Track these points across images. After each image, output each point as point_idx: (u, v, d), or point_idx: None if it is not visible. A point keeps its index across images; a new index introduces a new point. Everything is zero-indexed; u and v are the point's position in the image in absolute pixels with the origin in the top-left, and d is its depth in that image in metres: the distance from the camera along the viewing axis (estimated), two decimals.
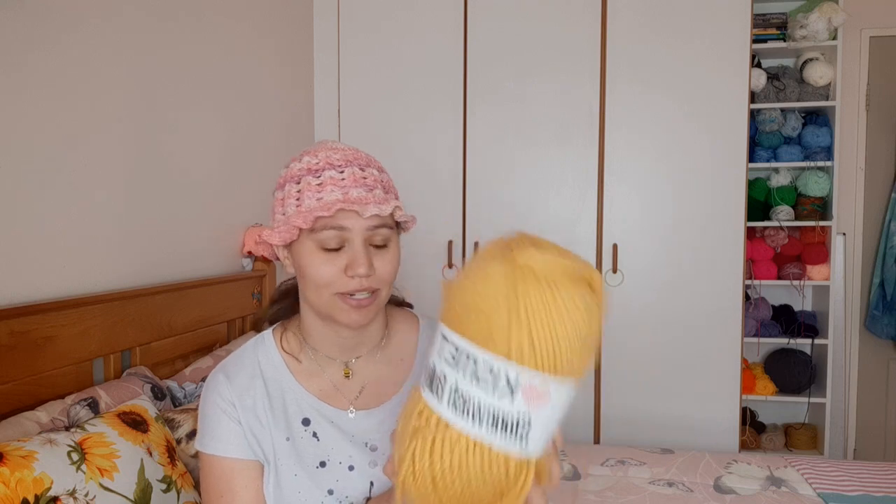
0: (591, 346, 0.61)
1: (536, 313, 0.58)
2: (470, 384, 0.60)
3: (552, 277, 0.60)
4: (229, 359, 0.98)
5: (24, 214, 1.35)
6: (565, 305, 0.59)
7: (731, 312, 2.55)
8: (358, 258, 0.85)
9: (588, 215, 2.60)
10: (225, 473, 0.91)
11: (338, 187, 0.86)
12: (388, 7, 2.71)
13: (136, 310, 1.60)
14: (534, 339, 0.58)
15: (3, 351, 1.21)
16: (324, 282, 0.86)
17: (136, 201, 1.70)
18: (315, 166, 0.88)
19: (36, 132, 1.38)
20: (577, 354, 0.60)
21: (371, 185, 0.88)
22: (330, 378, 0.96)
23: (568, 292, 0.59)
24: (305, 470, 0.91)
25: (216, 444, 0.92)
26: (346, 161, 0.89)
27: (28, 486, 0.99)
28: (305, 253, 0.87)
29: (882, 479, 1.89)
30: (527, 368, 0.58)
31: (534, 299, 0.59)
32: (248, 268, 2.26)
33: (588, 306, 0.60)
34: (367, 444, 0.94)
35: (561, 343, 0.58)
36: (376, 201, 0.86)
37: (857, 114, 3.15)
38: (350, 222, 0.86)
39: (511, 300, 0.59)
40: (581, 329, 0.59)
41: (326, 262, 0.86)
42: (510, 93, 2.63)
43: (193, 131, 1.95)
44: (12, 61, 1.31)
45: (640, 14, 2.54)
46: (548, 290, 0.59)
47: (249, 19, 2.27)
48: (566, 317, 0.59)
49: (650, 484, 1.88)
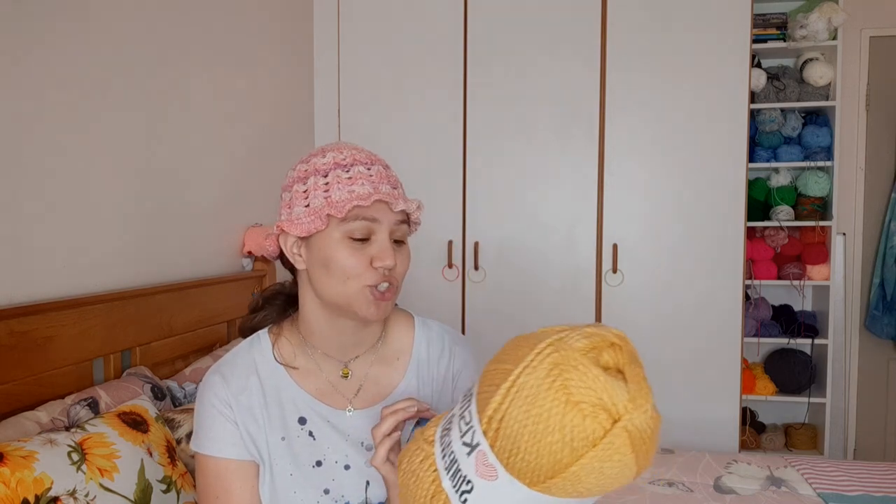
0: (576, 478, 0.57)
1: (521, 410, 0.58)
2: (457, 422, 0.66)
3: (575, 398, 0.57)
4: (224, 359, 0.98)
5: (24, 214, 1.35)
6: (550, 414, 0.57)
7: (731, 312, 2.55)
8: (385, 250, 0.88)
9: (588, 215, 2.60)
10: (220, 474, 0.91)
11: (368, 182, 0.89)
12: (387, 6, 2.71)
13: (136, 310, 1.60)
14: (503, 421, 0.60)
15: (3, 351, 1.21)
16: (354, 272, 0.88)
17: (137, 201, 1.70)
18: (343, 161, 0.91)
19: (36, 132, 1.38)
20: (543, 472, 0.58)
21: (394, 183, 0.93)
22: (327, 377, 0.96)
23: (570, 422, 0.56)
24: (301, 469, 0.92)
25: (212, 445, 0.92)
26: (370, 160, 0.93)
27: (28, 487, 0.99)
28: (332, 243, 0.88)
29: (882, 479, 1.89)
30: (486, 441, 0.61)
31: (531, 384, 0.59)
32: (248, 268, 2.26)
33: (584, 442, 0.57)
34: (362, 443, 0.94)
35: (522, 446, 0.58)
36: (402, 198, 0.92)
37: (857, 114, 3.15)
38: (381, 214, 0.89)
39: (512, 387, 0.60)
40: (559, 457, 0.57)
41: (354, 252, 0.88)
42: (510, 93, 2.63)
43: (193, 131, 1.95)
44: (12, 59, 1.31)
45: (641, 14, 2.54)
46: (554, 403, 0.57)
47: (249, 19, 2.27)
48: (542, 426, 0.57)
49: (650, 484, 1.88)
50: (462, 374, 1.03)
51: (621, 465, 0.58)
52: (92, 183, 1.54)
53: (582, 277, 2.61)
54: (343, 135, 2.76)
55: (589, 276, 2.61)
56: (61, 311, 1.36)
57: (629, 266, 2.59)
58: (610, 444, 0.57)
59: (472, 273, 2.68)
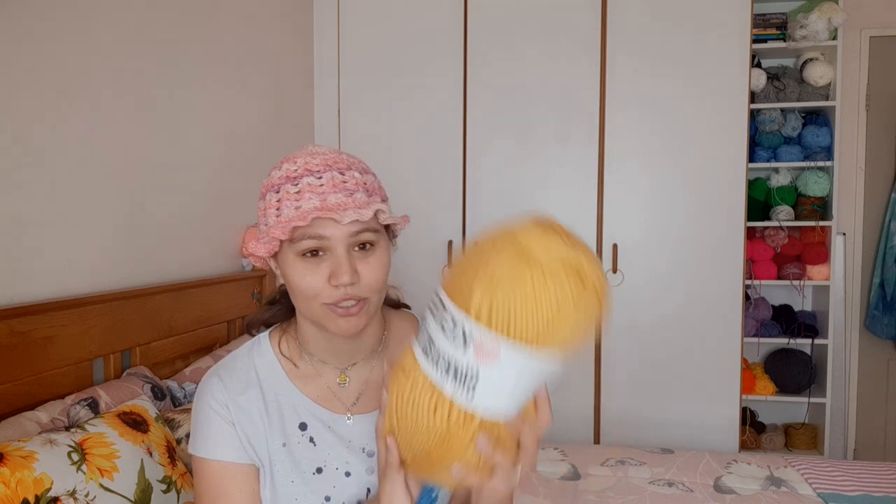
0: (560, 331, 0.64)
1: (502, 281, 0.63)
2: (438, 332, 0.67)
3: (539, 259, 0.64)
4: (223, 362, 0.96)
5: (24, 214, 1.35)
6: (534, 284, 0.63)
7: (731, 312, 2.55)
8: (340, 266, 0.82)
9: (588, 215, 2.60)
10: (218, 477, 0.89)
11: (315, 194, 0.83)
12: (387, 5, 2.71)
13: (136, 310, 1.60)
14: (492, 302, 0.63)
15: (3, 351, 1.21)
16: (310, 293, 0.84)
17: (137, 201, 1.70)
18: (293, 174, 0.85)
19: (35, 132, 1.38)
20: (539, 331, 0.63)
21: (352, 188, 0.85)
22: (327, 383, 0.95)
23: (546, 277, 0.63)
24: (302, 476, 0.90)
25: (209, 448, 0.89)
26: (325, 166, 0.85)
27: (28, 487, 0.99)
28: (288, 264, 0.85)
29: (882, 479, 1.89)
30: (481, 326, 0.64)
31: (505, 269, 0.64)
32: (248, 268, 2.26)
33: (565, 297, 0.63)
34: (363, 449, 0.93)
35: (518, 314, 0.63)
36: (356, 206, 0.83)
37: (857, 114, 3.15)
38: (329, 230, 0.82)
39: (484, 265, 0.65)
40: (546, 311, 0.63)
41: (309, 272, 0.83)
42: (510, 92, 2.63)
43: (194, 131, 1.95)
44: (10, 61, 1.31)
45: (641, 14, 2.54)
46: (524, 266, 0.63)
47: (249, 18, 2.27)
48: (531, 294, 0.63)
49: (650, 484, 1.88)
50: None
51: (592, 315, 0.65)
52: (92, 183, 1.54)
53: None
54: (343, 135, 2.76)
55: None
56: (61, 311, 1.36)
57: (629, 266, 2.59)
58: (584, 299, 0.64)
59: None
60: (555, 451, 2.12)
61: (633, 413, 2.62)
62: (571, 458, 2.05)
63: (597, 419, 2.64)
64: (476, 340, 0.64)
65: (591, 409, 2.64)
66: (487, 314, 0.63)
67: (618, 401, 2.62)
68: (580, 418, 2.64)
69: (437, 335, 0.67)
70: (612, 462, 2.03)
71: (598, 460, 2.04)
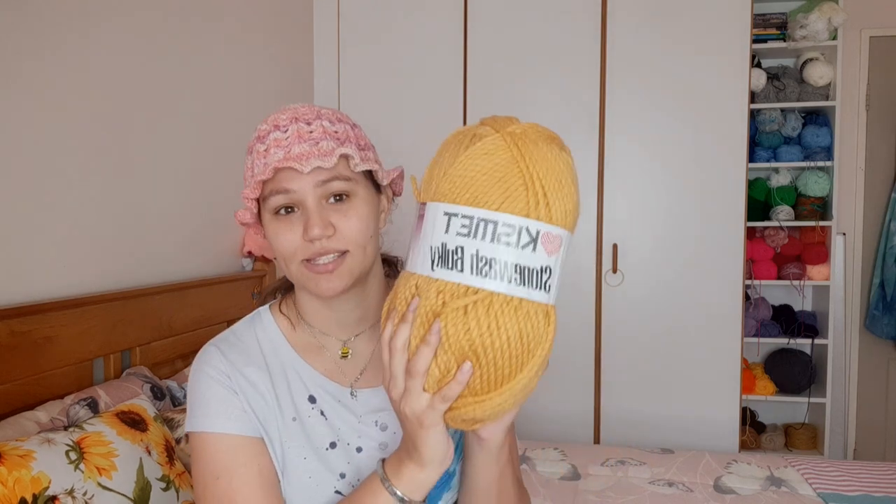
0: (577, 198, 0.69)
1: (546, 172, 0.65)
2: (493, 245, 0.63)
3: (539, 140, 0.67)
4: (221, 335, 0.89)
5: (24, 214, 1.35)
6: (557, 162, 0.66)
7: (731, 312, 2.55)
8: (310, 218, 0.78)
9: (588, 215, 2.60)
10: (221, 451, 0.80)
11: (280, 148, 0.79)
12: (388, 8, 2.71)
13: (136, 310, 1.60)
14: (547, 196, 0.65)
15: (3, 351, 1.21)
16: (288, 251, 0.80)
17: (137, 201, 1.70)
18: (262, 132, 0.83)
19: (35, 132, 1.38)
20: (574, 206, 0.68)
21: (318, 137, 0.80)
22: (331, 356, 0.89)
23: (554, 151, 0.67)
24: (315, 452, 0.84)
25: (209, 421, 0.81)
26: (292, 119, 0.82)
27: (26, 485, 1.00)
28: (266, 224, 0.82)
29: (882, 479, 1.89)
30: (542, 222, 0.64)
31: (539, 160, 0.65)
32: (248, 268, 2.26)
33: (566, 160, 0.69)
34: (376, 422, 0.87)
35: (565, 196, 0.66)
36: (321, 153, 0.78)
37: (857, 114, 3.15)
38: (295, 183, 0.78)
39: (521, 164, 0.65)
40: (572, 182, 0.68)
41: (284, 229, 0.80)
42: (510, 93, 2.63)
43: (194, 131, 1.95)
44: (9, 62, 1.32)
45: (640, 14, 2.54)
46: (546, 150, 0.66)
47: (249, 18, 2.28)
48: (564, 172, 0.67)
49: (650, 484, 1.88)
50: None
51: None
52: (92, 183, 1.54)
53: (582, 277, 2.61)
54: None
55: (589, 276, 2.61)
56: (61, 311, 1.36)
57: (629, 266, 2.59)
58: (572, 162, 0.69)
59: None
60: (555, 451, 2.12)
61: (633, 413, 2.62)
62: (571, 458, 2.05)
63: (597, 419, 2.64)
64: (542, 236, 0.65)
65: (591, 409, 2.64)
66: (546, 208, 0.64)
67: (618, 401, 2.62)
68: (580, 418, 2.64)
69: (496, 249, 0.63)
70: (612, 462, 2.03)
71: (598, 460, 2.04)
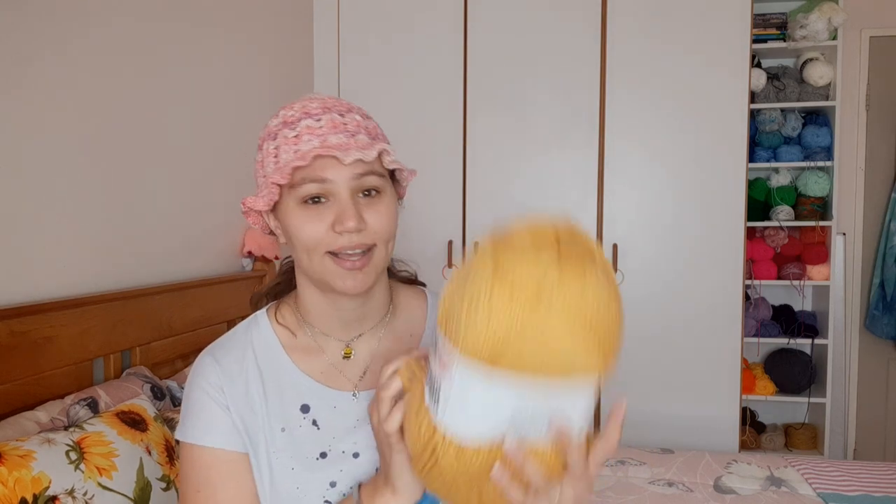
0: (522, 354, 0.57)
1: (466, 292, 0.59)
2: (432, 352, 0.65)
3: (505, 271, 0.57)
4: (219, 341, 0.90)
5: (23, 214, 1.35)
6: (491, 295, 0.57)
7: (731, 312, 2.55)
8: (346, 210, 0.77)
9: (588, 215, 2.60)
10: (205, 465, 0.82)
11: (315, 136, 0.78)
12: (388, 9, 2.71)
13: (136, 310, 1.60)
14: (450, 311, 0.60)
15: (3, 351, 1.21)
16: (312, 242, 0.78)
17: (137, 201, 1.70)
18: (290, 118, 0.81)
19: (34, 132, 1.38)
20: (492, 348, 0.57)
21: (353, 130, 0.81)
22: (330, 358, 0.88)
23: (510, 290, 0.56)
24: (303, 463, 0.83)
25: (197, 433, 0.83)
26: (323, 109, 0.81)
27: (26, 486, 1.00)
28: (289, 212, 0.79)
29: (882, 479, 1.89)
30: (443, 335, 0.61)
31: (474, 278, 0.59)
32: (248, 268, 2.26)
33: (524, 316, 0.56)
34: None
35: (470, 326, 0.57)
36: (359, 146, 0.78)
37: (857, 114, 3.15)
38: (332, 172, 0.77)
39: (463, 274, 0.62)
40: (497, 327, 0.57)
41: (311, 218, 0.78)
42: (510, 93, 2.63)
43: (193, 131, 1.95)
44: (9, 62, 1.32)
45: (640, 14, 2.54)
46: (490, 279, 0.58)
47: (249, 19, 2.27)
48: (485, 306, 0.57)
49: (650, 484, 1.88)
50: None
51: (566, 345, 0.59)
52: (92, 183, 1.54)
53: None
54: None
55: None
56: (61, 311, 1.36)
57: (629, 266, 2.59)
58: (550, 322, 0.57)
59: None
60: None
61: (633, 413, 2.61)
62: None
63: (597, 419, 2.64)
64: (440, 349, 0.62)
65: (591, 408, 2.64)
66: (444, 323, 0.61)
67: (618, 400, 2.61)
68: None
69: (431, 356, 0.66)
70: (611, 462, 2.03)
71: None
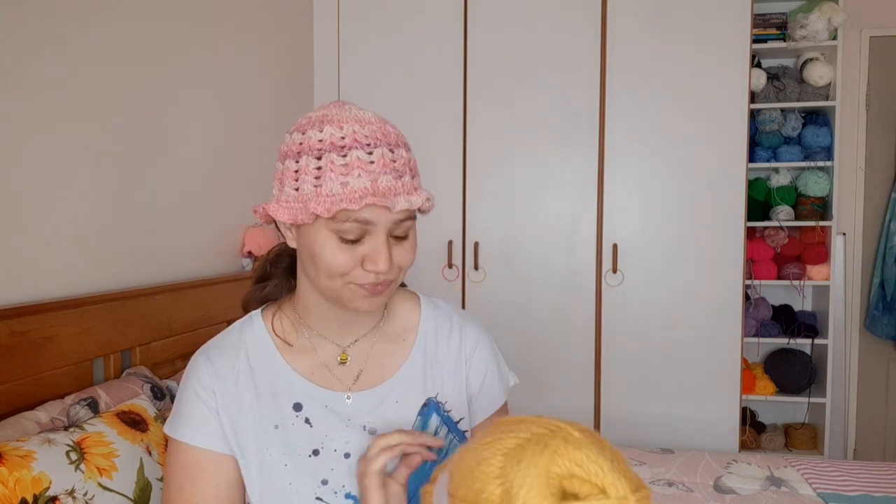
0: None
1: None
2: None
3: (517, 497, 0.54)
4: (213, 340, 0.92)
5: (23, 214, 1.35)
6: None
7: (731, 312, 2.55)
8: (380, 254, 0.78)
9: (588, 215, 2.60)
10: (189, 463, 0.85)
11: (366, 172, 0.76)
12: (388, 8, 2.71)
13: (136, 310, 1.60)
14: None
15: (3, 351, 1.21)
16: (340, 272, 0.79)
17: (136, 201, 1.70)
18: (341, 142, 0.78)
19: (34, 132, 1.38)
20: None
21: (401, 170, 0.79)
22: (323, 360, 0.90)
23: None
24: (296, 460, 0.85)
25: (185, 430, 0.86)
26: (374, 139, 0.78)
27: (27, 486, 1.00)
28: (319, 238, 0.79)
29: (882, 479, 1.89)
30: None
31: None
32: (248, 268, 2.26)
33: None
34: (365, 427, 0.88)
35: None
36: (406, 191, 0.78)
37: (857, 114, 3.15)
38: (377, 216, 0.77)
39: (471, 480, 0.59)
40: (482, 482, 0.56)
41: (344, 252, 0.79)
42: (510, 93, 2.63)
43: (193, 131, 1.95)
44: (9, 62, 1.31)
45: (640, 14, 2.54)
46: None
47: (249, 19, 2.27)
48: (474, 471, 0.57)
49: (650, 484, 1.88)
50: (476, 353, 0.97)
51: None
52: (92, 183, 1.54)
53: (582, 277, 2.61)
54: None
55: (589, 276, 2.61)
56: (61, 311, 1.36)
57: (629, 266, 2.59)
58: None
59: (472, 273, 2.68)
60: None
61: (633, 413, 2.62)
62: None
63: (597, 419, 2.64)
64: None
65: (591, 408, 2.64)
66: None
67: (618, 401, 2.62)
68: (580, 418, 2.64)
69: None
70: None
71: None
